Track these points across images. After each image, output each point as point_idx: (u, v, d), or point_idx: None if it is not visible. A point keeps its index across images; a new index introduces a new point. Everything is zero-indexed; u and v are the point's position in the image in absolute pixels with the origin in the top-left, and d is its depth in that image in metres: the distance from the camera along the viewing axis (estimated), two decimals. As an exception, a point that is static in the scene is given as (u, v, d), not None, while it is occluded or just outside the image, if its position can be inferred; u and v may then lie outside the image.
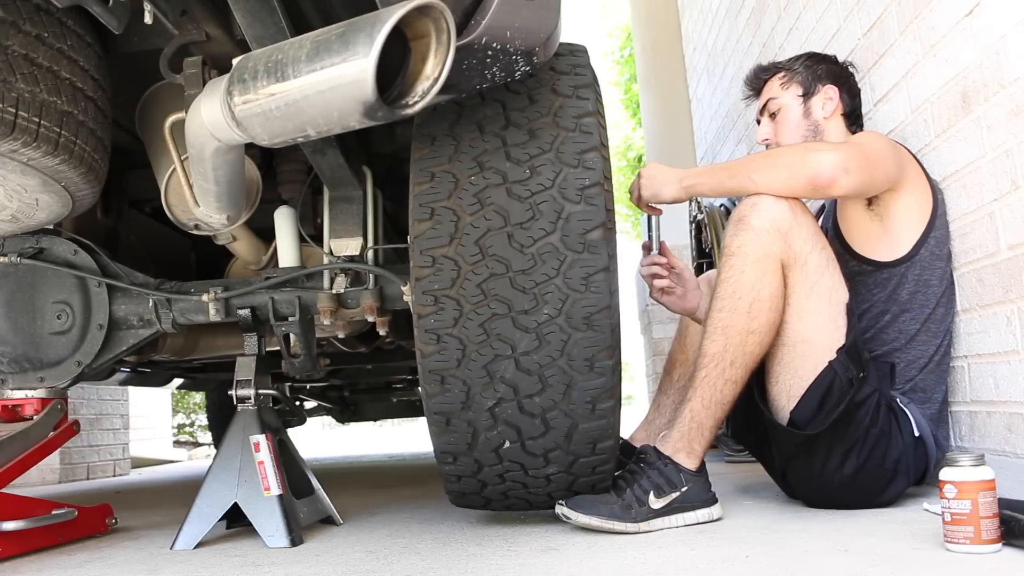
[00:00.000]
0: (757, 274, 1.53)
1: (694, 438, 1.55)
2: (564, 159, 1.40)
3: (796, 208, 1.57)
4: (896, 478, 1.58)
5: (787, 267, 1.55)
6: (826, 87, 1.92)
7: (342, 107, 1.03)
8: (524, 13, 1.24)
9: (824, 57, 1.99)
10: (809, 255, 1.55)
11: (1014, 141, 1.49)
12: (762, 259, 1.53)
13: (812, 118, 1.92)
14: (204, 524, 1.59)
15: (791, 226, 1.54)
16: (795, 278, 1.55)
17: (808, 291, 1.55)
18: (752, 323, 1.53)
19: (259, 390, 1.70)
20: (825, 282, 1.56)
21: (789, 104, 1.94)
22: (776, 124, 1.97)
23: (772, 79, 1.99)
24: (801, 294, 1.55)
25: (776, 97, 1.96)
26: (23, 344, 1.72)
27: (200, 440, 7.33)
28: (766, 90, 2.00)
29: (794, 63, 1.98)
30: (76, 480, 4.01)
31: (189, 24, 1.42)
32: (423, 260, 1.40)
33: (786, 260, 1.54)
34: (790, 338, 1.57)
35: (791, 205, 1.56)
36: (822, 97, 1.92)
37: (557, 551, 1.35)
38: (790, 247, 1.54)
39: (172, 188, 1.69)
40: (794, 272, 1.55)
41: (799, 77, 1.95)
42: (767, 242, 1.53)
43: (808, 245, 1.55)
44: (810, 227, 1.57)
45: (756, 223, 1.54)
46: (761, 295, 1.53)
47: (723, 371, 1.54)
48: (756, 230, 1.54)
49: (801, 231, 1.55)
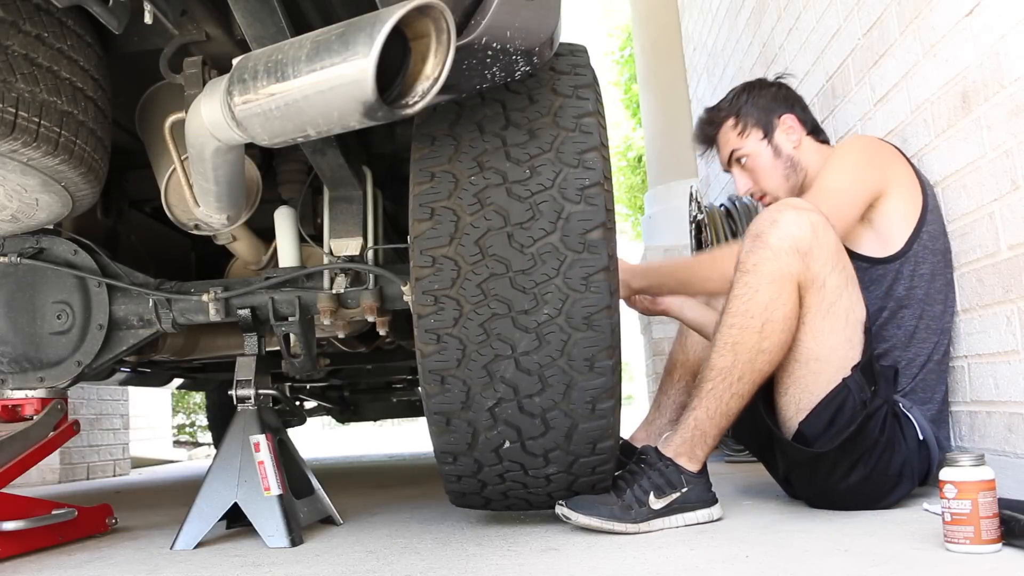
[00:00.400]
0: (771, 295, 1.48)
1: (696, 444, 1.54)
2: (564, 159, 1.40)
3: (819, 226, 1.50)
4: (901, 483, 1.57)
5: (804, 288, 1.50)
6: (782, 118, 1.90)
7: (342, 107, 1.03)
8: (524, 13, 1.24)
9: (760, 84, 1.97)
10: (828, 276, 1.50)
11: (1014, 141, 1.49)
12: (778, 280, 1.48)
13: (784, 155, 1.90)
14: (204, 524, 1.59)
15: (811, 246, 1.49)
16: (812, 299, 1.50)
17: (825, 312, 1.51)
18: (763, 343, 1.49)
19: (259, 390, 1.70)
20: (843, 303, 1.52)
21: (756, 151, 1.91)
22: (751, 172, 1.94)
23: (724, 128, 1.95)
24: (817, 315, 1.51)
25: (739, 147, 1.93)
26: (23, 344, 1.72)
27: (200, 440, 7.34)
28: (724, 142, 1.96)
29: (738, 104, 1.94)
30: (76, 480, 4.01)
31: (189, 24, 1.42)
32: (423, 260, 1.40)
33: (803, 281, 1.49)
34: (803, 355, 1.53)
35: (813, 223, 1.50)
36: (783, 130, 1.90)
37: (557, 551, 1.35)
38: (808, 268, 1.49)
39: (172, 188, 1.69)
40: (811, 293, 1.50)
41: (751, 119, 1.91)
42: (785, 263, 1.48)
43: (828, 266, 1.50)
44: (831, 246, 1.51)
45: (775, 242, 1.49)
46: (774, 316, 1.48)
47: (730, 385, 1.51)
48: (774, 249, 1.49)
49: (821, 251, 1.49)
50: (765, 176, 1.92)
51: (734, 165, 1.96)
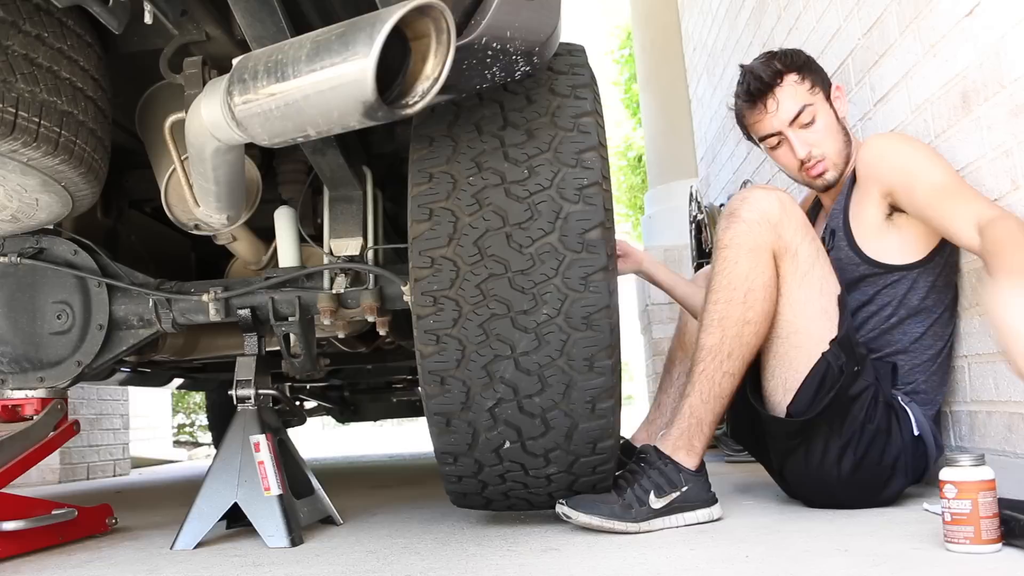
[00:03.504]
0: (750, 264, 1.55)
1: (694, 434, 1.55)
2: (562, 159, 1.40)
3: (785, 200, 1.59)
4: (895, 476, 1.58)
5: (778, 257, 1.56)
6: (836, 85, 1.84)
7: (342, 107, 1.03)
8: (524, 13, 1.24)
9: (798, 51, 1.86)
10: (800, 245, 1.57)
11: (1014, 141, 1.49)
12: (755, 249, 1.55)
13: (841, 121, 1.81)
14: (204, 524, 1.59)
15: (781, 217, 1.56)
16: (786, 268, 1.57)
17: (800, 281, 1.57)
18: (748, 313, 1.54)
19: (259, 390, 1.70)
20: (816, 272, 1.58)
21: (826, 110, 1.79)
22: (816, 134, 1.78)
23: (786, 81, 1.78)
24: (793, 284, 1.57)
25: (811, 103, 1.77)
26: (23, 344, 1.72)
27: (200, 440, 7.34)
28: (789, 95, 1.78)
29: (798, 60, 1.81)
30: (76, 480, 4.01)
31: (189, 24, 1.42)
32: (422, 261, 1.40)
33: (777, 250, 1.56)
34: (783, 329, 1.58)
35: (779, 198, 1.58)
36: (836, 96, 1.82)
37: (557, 551, 1.35)
38: (780, 237, 1.56)
39: (172, 188, 1.69)
40: (785, 262, 1.56)
41: (818, 77, 1.81)
42: (758, 233, 1.55)
43: (798, 236, 1.57)
44: (799, 219, 1.59)
45: (747, 215, 1.56)
46: (755, 284, 1.55)
47: (720, 363, 1.55)
48: (747, 222, 1.56)
49: (790, 222, 1.57)
50: (831, 137, 1.78)
51: (793, 127, 1.78)
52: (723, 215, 1.62)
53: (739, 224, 1.57)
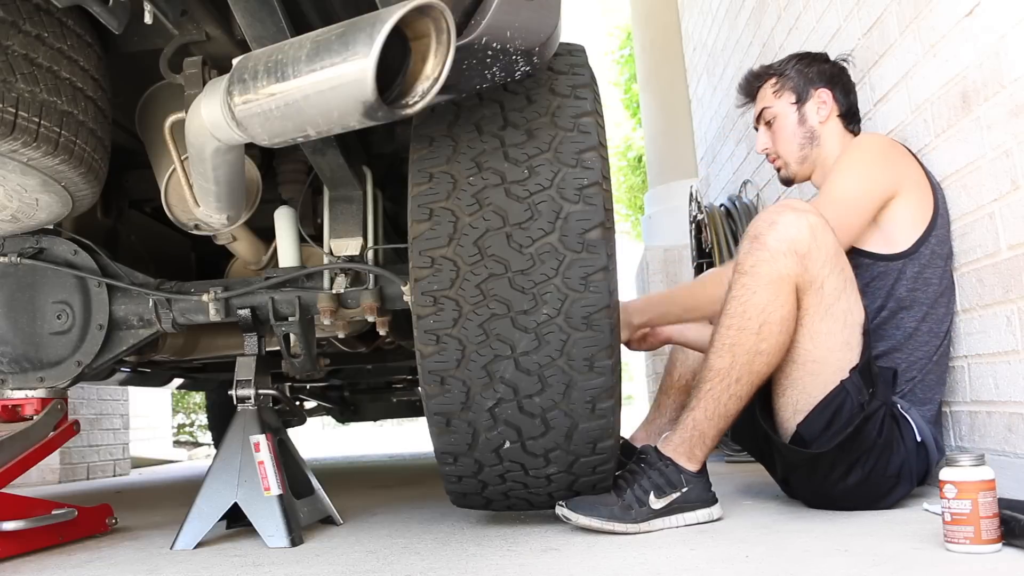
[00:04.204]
0: (769, 297, 1.48)
1: (695, 445, 1.54)
2: (562, 159, 1.40)
3: (816, 227, 1.49)
4: (899, 484, 1.57)
5: (802, 290, 1.49)
6: (819, 91, 1.93)
7: (342, 107, 1.03)
8: (524, 13, 1.24)
9: (816, 57, 2.00)
10: (827, 278, 1.49)
11: (1014, 141, 1.49)
12: (775, 281, 1.48)
13: (807, 125, 1.94)
14: (204, 524, 1.59)
15: (810, 248, 1.48)
16: (810, 301, 1.50)
17: (823, 314, 1.50)
18: (761, 344, 1.49)
19: (259, 390, 1.70)
20: (841, 305, 1.51)
21: (783, 112, 1.96)
22: (772, 133, 1.99)
23: (765, 85, 2.01)
24: (815, 317, 1.50)
25: (770, 106, 1.98)
26: (23, 344, 1.72)
27: (200, 440, 7.34)
28: (760, 97, 2.02)
29: (786, 67, 1.99)
30: (76, 480, 4.01)
31: (189, 24, 1.42)
32: (422, 261, 1.40)
33: (801, 283, 1.49)
34: (801, 357, 1.53)
35: (810, 224, 1.49)
36: (815, 102, 1.93)
37: (557, 551, 1.35)
38: (807, 270, 1.48)
39: (172, 188, 1.69)
40: (809, 295, 1.49)
41: (791, 83, 1.96)
42: (782, 265, 1.47)
43: (826, 268, 1.49)
44: (829, 247, 1.50)
45: (772, 244, 1.48)
46: (771, 318, 1.48)
47: (728, 386, 1.51)
48: (772, 251, 1.48)
49: (820, 253, 1.48)
50: (783, 140, 1.96)
51: (761, 123, 2.02)
52: (747, 235, 1.54)
53: (762, 251, 1.49)
